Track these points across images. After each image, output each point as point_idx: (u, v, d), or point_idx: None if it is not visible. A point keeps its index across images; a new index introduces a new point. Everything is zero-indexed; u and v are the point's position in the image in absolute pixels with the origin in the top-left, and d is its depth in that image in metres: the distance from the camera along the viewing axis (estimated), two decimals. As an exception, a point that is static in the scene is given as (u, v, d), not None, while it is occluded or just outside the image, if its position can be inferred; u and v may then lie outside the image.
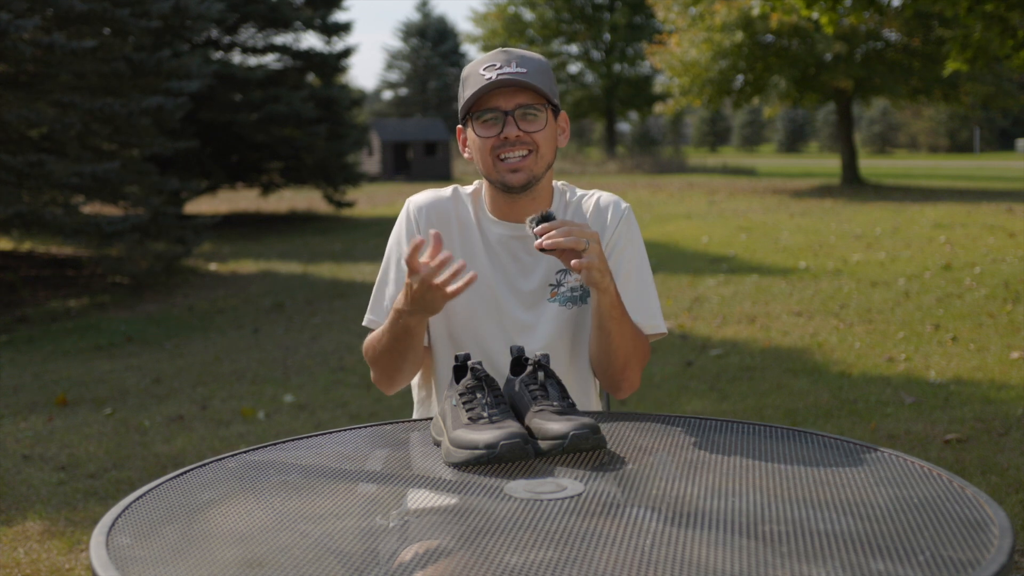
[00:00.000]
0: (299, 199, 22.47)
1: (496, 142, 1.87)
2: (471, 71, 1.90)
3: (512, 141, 1.86)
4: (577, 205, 2.02)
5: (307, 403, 5.27)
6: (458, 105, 1.95)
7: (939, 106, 25.43)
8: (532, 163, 1.88)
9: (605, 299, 1.81)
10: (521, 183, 1.89)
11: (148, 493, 1.48)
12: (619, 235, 1.98)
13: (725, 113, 65.59)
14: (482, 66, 1.88)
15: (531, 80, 1.85)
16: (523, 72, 1.85)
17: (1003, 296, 7.71)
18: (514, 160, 1.87)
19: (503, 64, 1.86)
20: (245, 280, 10.65)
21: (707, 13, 21.58)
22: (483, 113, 1.86)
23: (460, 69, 54.85)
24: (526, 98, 1.86)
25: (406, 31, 52.03)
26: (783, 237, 12.66)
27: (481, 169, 1.93)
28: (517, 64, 1.86)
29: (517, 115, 1.85)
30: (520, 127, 1.86)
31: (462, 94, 1.92)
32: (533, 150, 1.88)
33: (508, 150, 1.87)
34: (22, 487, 3.97)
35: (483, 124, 1.87)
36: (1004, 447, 4.08)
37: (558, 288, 1.95)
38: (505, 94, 1.85)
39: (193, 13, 11.17)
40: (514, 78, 1.83)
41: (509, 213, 1.96)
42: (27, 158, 8.63)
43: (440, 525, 1.31)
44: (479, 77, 1.86)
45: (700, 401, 5.04)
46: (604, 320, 1.84)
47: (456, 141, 4.52)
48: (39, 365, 6.56)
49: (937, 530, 1.25)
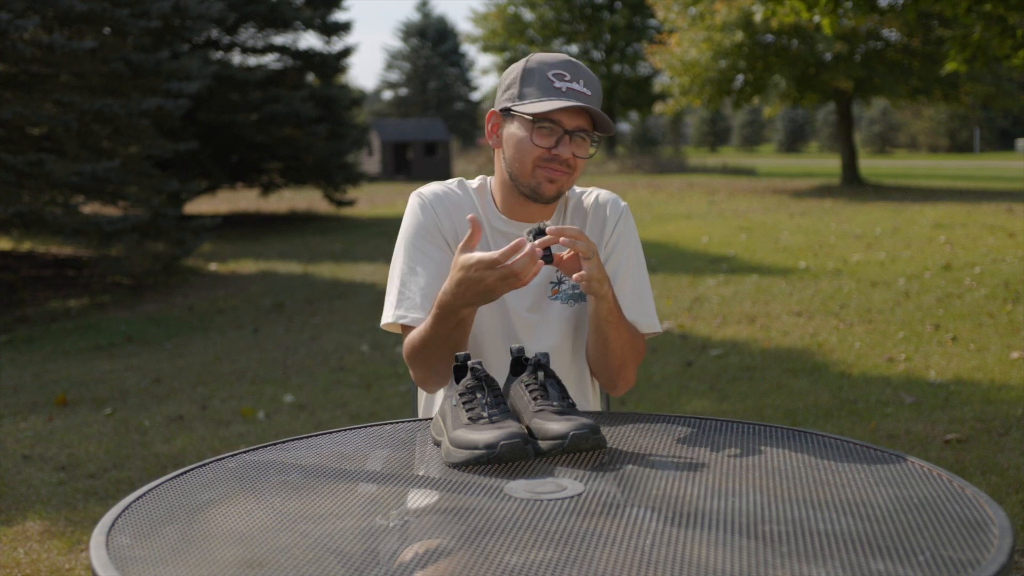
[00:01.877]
0: (299, 199, 22.46)
1: (546, 154, 1.85)
2: (538, 68, 1.86)
3: (560, 160, 1.85)
4: (577, 202, 2.03)
5: (307, 403, 5.27)
6: (504, 92, 1.90)
7: (939, 106, 25.43)
8: (566, 181, 1.89)
9: (603, 305, 1.82)
10: (552, 195, 1.89)
11: (148, 493, 1.48)
12: (618, 234, 1.99)
13: (725, 113, 65.61)
14: (551, 70, 1.85)
15: (598, 109, 1.85)
16: (590, 96, 1.85)
17: (1003, 296, 7.71)
18: (554, 172, 1.86)
19: (573, 79, 1.85)
20: (245, 280, 10.65)
21: (707, 13, 21.58)
22: (543, 121, 1.84)
23: (460, 69, 55.15)
24: (585, 122, 1.86)
25: (406, 31, 52.06)
26: (783, 237, 12.66)
27: (514, 168, 1.90)
28: (585, 83, 1.85)
29: (573, 136, 1.85)
30: (573, 151, 1.85)
31: (518, 86, 1.87)
32: (571, 172, 1.88)
33: (554, 165, 1.86)
34: (22, 487, 3.97)
35: (539, 132, 1.84)
36: (1004, 447, 4.08)
37: (559, 286, 1.96)
38: (570, 112, 1.84)
39: (193, 13, 11.17)
40: (587, 103, 1.83)
41: (519, 214, 1.96)
42: (27, 157, 8.63)
43: (440, 525, 1.31)
44: (547, 82, 1.84)
45: (700, 401, 5.04)
46: (602, 324, 1.86)
47: (456, 141, 4.51)
48: (39, 365, 6.56)
49: (937, 530, 1.25)
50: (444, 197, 1.96)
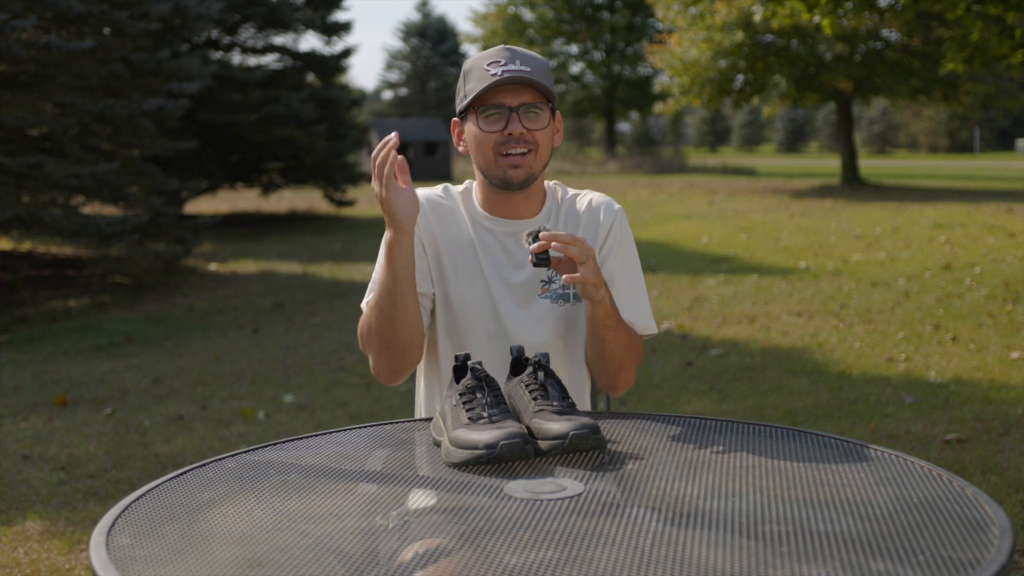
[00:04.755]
0: (299, 199, 22.46)
1: (500, 138, 1.88)
2: (474, 66, 1.91)
3: (515, 138, 1.87)
4: (570, 204, 2.03)
5: (307, 403, 5.27)
6: (457, 99, 1.96)
7: (939, 106, 25.43)
8: (532, 161, 1.90)
9: (600, 310, 1.83)
10: (521, 179, 1.90)
11: (148, 493, 1.48)
12: (613, 237, 1.99)
13: (725, 113, 65.59)
14: (486, 62, 1.88)
15: (536, 78, 1.86)
16: (528, 71, 1.86)
17: (1003, 296, 7.71)
18: (516, 157, 1.88)
19: (507, 61, 1.87)
20: (245, 280, 10.65)
21: (707, 12, 21.58)
22: (487, 108, 1.88)
23: (460, 69, 54.98)
24: (530, 96, 1.88)
25: (406, 31, 52.02)
26: (783, 237, 12.66)
27: (480, 163, 1.94)
28: (521, 62, 1.87)
29: (521, 112, 1.87)
30: (524, 124, 1.87)
31: (463, 88, 1.93)
32: (533, 148, 1.89)
33: (511, 146, 1.88)
34: (22, 487, 3.97)
35: (487, 119, 1.88)
36: (1004, 447, 4.08)
37: (549, 285, 1.96)
38: (510, 91, 1.87)
39: (193, 14, 11.17)
40: (520, 76, 1.85)
41: (502, 210, 1.98)
42: (27, 159, 8.63)
43: (440, 525, 1.31)
44: (483, 72, 1.87)
45: (700, 401, 5.04)
46: (599, 329, 1.87)
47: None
48: (39, 365, 6.56)
49: (937, 530, 1.25)
50: (428, 200, 1.99)
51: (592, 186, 2.16)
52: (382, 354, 1.87)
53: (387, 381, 1.93)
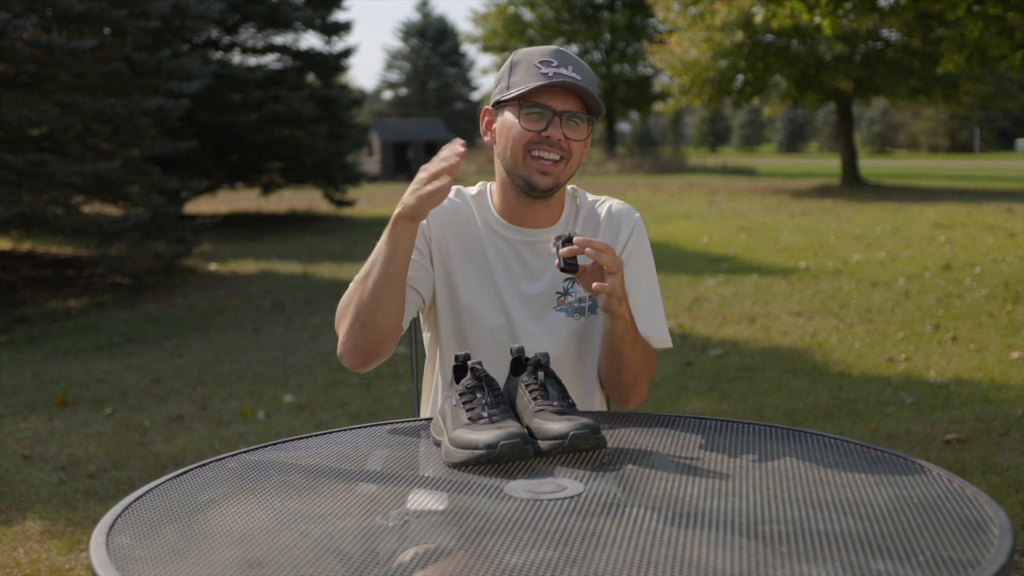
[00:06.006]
0: (299, 199, 22.46)
1: (536, 136, 1.84)
2: (524, 59, 1.87)
3: (552, 142, 1.84)
4: (589, 211, 1.99)
5: (307, 403, 5.27)
6: (497, 87, 1.91)
7: (939, 106, 25.40)
8: (562, 170, 1.87)
9: (619, 325, 1.80)
10: (548, 187, 1.86)
11: (148, 493, 1.48)
12: (632, 247, 1.96)
13: (725, 113, 65.59)
14: (538, 59, 1.85)
15: (587, 87, 1.83)
16: (579, 79, 1.83)
17: (1003, 296, 7.71)
18: (547, 163, 1.85)
19: (560, 64, 1.84)
20: (245, 280, 10.65)
21: (707, 12, 21.58)
22: (531, 106, 1.83)
23: (460, 69, 55.10)
24: (576, 105, 1.85)
25: (406, 31, 52.01)
26: (783, 237, 12.66)
27: (506, 158, 1.89)
28: (574, 69, 1.84)
29: (564, 118, 1.84)
30: (564, 131, 1.84)
31: (506, 77, 1.88)
32: (566, 157, 1.86)
33: (544, 149, 1.84)
34: (22, 487, 3.97)
35: (528, 116, 1.84)
36: (1004, 447, 4.08)
37: (565, 297, 1.93)
38: (559, 95, 1.83)
39: (193, 13, 11.17)
40: (573, 83, 1.81)
41: (521, 217, 1.93)
42: (28, 158, 8.64)
43: (440, 525, 1.31)
44: (534, 69, 1.84)
45: (700, 401, 5.04)
46: (617, 343, 1.84)
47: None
48: (39, 365, 6.56)
49: (937, 530, 1.25)
50: (441, 205, 1.95)
51: (592, 186, 2.11)
52: (353, 333, 1.80)
53: (350, 363, 1.84)
